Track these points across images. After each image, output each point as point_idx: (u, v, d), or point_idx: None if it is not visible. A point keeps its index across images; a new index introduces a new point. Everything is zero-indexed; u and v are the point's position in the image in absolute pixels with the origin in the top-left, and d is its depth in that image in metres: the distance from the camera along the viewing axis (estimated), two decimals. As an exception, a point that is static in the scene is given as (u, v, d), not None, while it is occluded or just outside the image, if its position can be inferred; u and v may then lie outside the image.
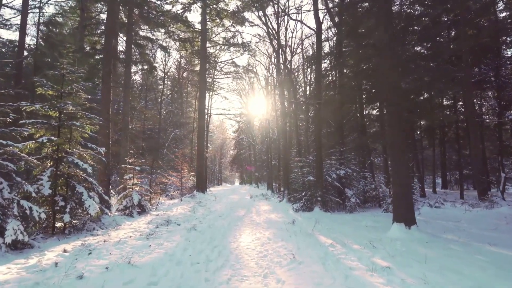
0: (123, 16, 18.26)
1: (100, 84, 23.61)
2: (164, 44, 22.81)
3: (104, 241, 5.64)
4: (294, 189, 15.38)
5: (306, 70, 17.30)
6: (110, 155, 16.38)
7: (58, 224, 6.97)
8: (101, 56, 18.89)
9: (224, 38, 22.66)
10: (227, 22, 21.93)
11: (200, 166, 19.81)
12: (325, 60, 16.39)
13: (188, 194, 17.96)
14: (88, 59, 12.91)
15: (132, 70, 31.59)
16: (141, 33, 21.18)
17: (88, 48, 19.34)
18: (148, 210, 10.41)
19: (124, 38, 17.80)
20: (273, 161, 27.96)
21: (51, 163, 7.05)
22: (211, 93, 27.88)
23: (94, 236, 6.45)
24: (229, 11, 21.22)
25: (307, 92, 18.49)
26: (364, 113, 17.91)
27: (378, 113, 21.22)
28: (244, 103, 35.32)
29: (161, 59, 41.53)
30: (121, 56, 18.19)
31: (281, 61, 16.15)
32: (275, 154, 28.41)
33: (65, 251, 4.88)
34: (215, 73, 25.68)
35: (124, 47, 17.16)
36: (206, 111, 25.61)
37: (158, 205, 12.77)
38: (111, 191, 11.95)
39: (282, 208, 12.73)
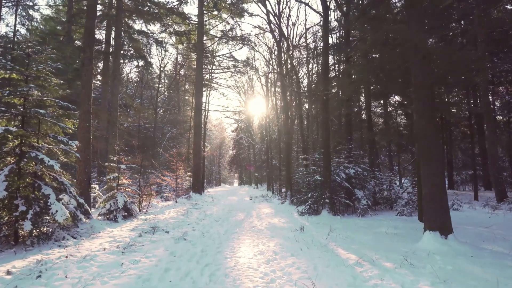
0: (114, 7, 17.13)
1: (96, 82, 22.46)
2: (159, 39, 21.63)
3: (67, 257, 4.46)
4: (298, 190, 14.23)
5: (309, 62, 16.18)
6: (99, 154, 15.31)
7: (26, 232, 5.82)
8: (94, 52, 17.77)
9: (222, 31, 21.52)
10: (225, 14, 20.80)
11: (197, 166, 18.62)
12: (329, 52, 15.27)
13: (184, 195, 16.80)
14: (71, 48, 11.72)
15: (128, 67, 30.48)
16: (135, 26, 20.04)
17: (80, 44, 18.22)
18: (135, 214, 9.25)
19: (116, 30, 16.59)
20: (273, 161, 26.81)
21: (13, 160, 5.88)
22: (209, 90, 26.74)
23: (61, 248, 5.28)
24: (227, 2, 20.10)
25: (311, 88, 17.35)
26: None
27: (382, 110, 20.26)
28: (243, 102, 34.17)
29: (157, 55, 40.49)
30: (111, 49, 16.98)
31: (283, 51, 14.99)
32: (276, 153, 27.29)
33: (8, 272, 3.71)
34: (213, 68, 24.51)
35: (118, 38, 15.94)
36: (203, 107, 24.45)
37: (148, 207, 11.60)
38: (100, 192, 10.79)
39: (285, 211, 11.58)
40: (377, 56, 9.38)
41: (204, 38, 20.92)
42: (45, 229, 6.07)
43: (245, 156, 42.33)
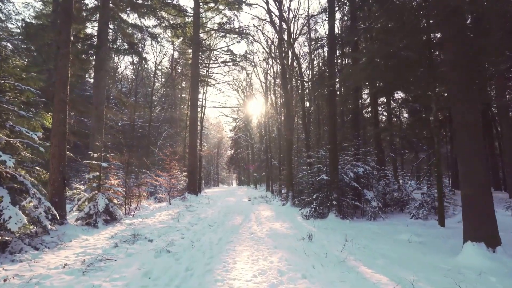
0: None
1: (88, 78, 21.30)
2: (154, 33, 20.56)
3: (6, 280, 3.40)
4: (300, 190, 13.20)
5: (312, 53, 15.14)
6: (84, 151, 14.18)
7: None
8: (86, 45, 16.80)
9: (219, 23, 20.43)
10: (222, 6, 19.74)
11: (192, 165, 17.53)
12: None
13: (179, 196, 15.76)
14: (52, 35, 10.66)
15: (123, 65, 29.32)
16: (129, 20, 18.99)
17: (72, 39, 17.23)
18: (119, 218, 8.18)
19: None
20: (272, 160, 25.79)
21: (-40, 155, 4.82)
22: (205, 87, 25.67)
23: (14, 263, 4.22)
24: (225, -6, 19.06)
25: (314, 80, 16.27)
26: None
27: (384, 109, 19.32)
28: (241, 100, 33.08)
29: (152, 49, 39.63)
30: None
31: (285, 39, 13.89)
32: (275, 153, 26.30)
33: None
34: (210, 63, 23.46)
35: (104, 25, 14.81)
36: (200, 103, 23.39)
37: (137, 210, 10.56)
38: (85, 193, 9.74)
39: (287, 213, 10.54)
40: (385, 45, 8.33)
41: (200, 31, 19.87)
42: (4, 238, 5.04)
43: (243, 156, 41.27)
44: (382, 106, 20.02)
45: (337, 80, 11.58)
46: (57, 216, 5.75)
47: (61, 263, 4.17)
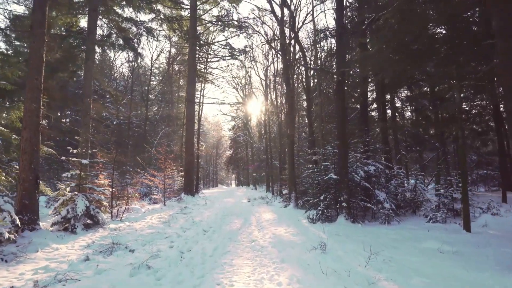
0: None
1: (81, 74, 20.40)
2: (151, 27, 19.63)
3: None
4: (303, 191, 12.28)
5: (316, 44, 14.24)
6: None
7: None
8: (78, 41, 15.89)
9: (217, 16, 19.53)
10: (220, -1, 18.83)
11: (189, 163, 16.60)
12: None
13: (175, 197, 14.87)
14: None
15: (119, 62, 28.45)
16: (124, 14, 18.12)
17: (64, 33, 16.40)
18: (102, 222, 7.23)
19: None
20: (272, 160, 24.89)
21: None
22: (203, 84, 24.76)
23: (-51, 284, 3.29)
24: (223, -15, 18.19)
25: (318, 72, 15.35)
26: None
27: (388, 106, 18.51)
28: (240, 98, 32.14)
29: (148, 46, 38.74)
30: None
31: (287, 26, 13.00)
32: (275, 152, 25.42)
33: None
34: (208, 58, 22.57)
35: (93, 12, 13.84)
36: (197, 100, 22.48)
37: (126, 212, 9.63)
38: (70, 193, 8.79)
39: (291, 216, 9.62)
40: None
41: (198, 24, 18.97)
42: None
43: (242, 155, 40.31)
44: (386, 104, 19.19)
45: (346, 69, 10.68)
46: (18, 222, 4.80)
47: (7, 285, 3.24)
